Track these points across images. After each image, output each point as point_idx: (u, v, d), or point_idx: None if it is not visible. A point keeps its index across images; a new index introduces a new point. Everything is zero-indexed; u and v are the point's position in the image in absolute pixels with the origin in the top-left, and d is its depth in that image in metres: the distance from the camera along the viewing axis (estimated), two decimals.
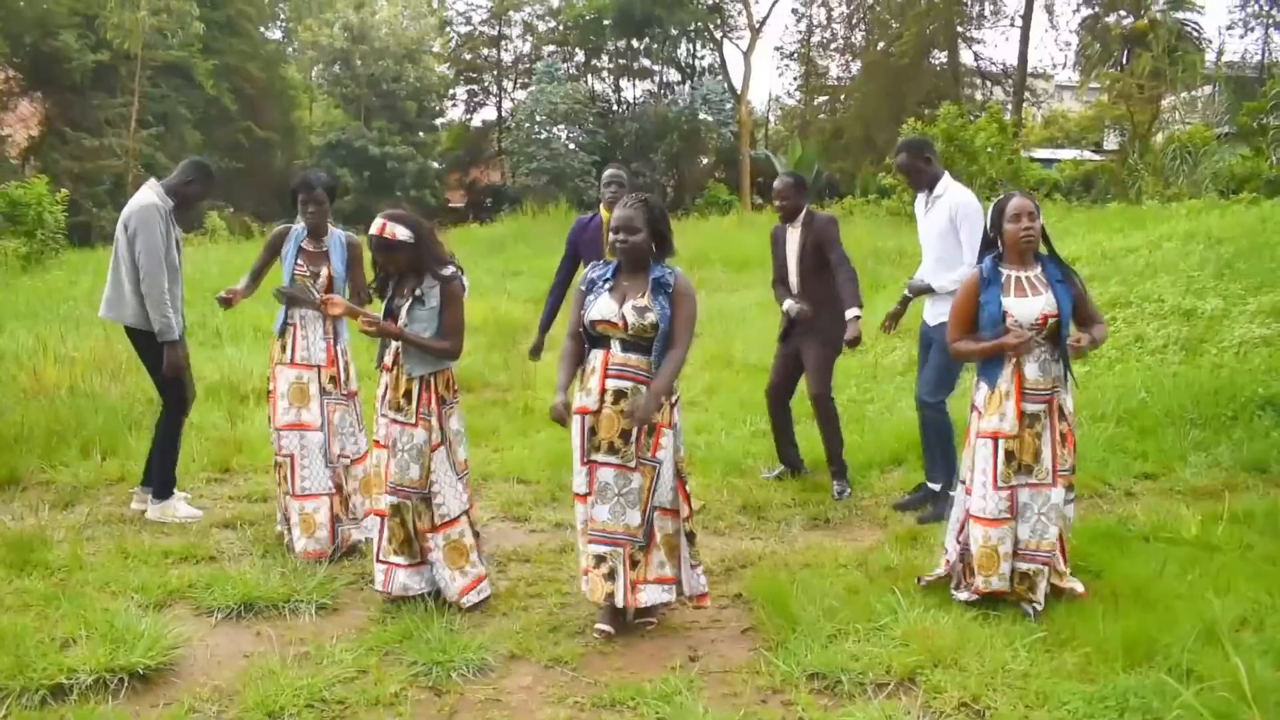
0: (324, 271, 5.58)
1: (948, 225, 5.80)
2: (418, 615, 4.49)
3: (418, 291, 4.65)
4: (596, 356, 4.45)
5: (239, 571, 5.02)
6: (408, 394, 4.66)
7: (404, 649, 4.24)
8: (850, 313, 6.19)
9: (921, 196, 6.10)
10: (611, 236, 4.46)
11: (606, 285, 4.46)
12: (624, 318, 4.34)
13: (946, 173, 6.06)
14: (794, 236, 6.49)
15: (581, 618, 4.59)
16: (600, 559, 4.39)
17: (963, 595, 4.62)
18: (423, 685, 3.96)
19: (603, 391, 4.39)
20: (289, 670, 3.99)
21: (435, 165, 36.94)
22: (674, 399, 4.47)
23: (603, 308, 4.39)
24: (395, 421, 4.66)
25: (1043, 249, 4.68)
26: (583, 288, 4.54)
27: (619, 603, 4.39)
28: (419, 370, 4.65)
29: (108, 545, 5.43)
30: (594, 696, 3.86)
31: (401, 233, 4.60)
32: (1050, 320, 4.48)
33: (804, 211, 6.49)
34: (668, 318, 4.35)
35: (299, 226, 5.64)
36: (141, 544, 5.42)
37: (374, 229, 4.63)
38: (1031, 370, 4.52)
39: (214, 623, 4.55)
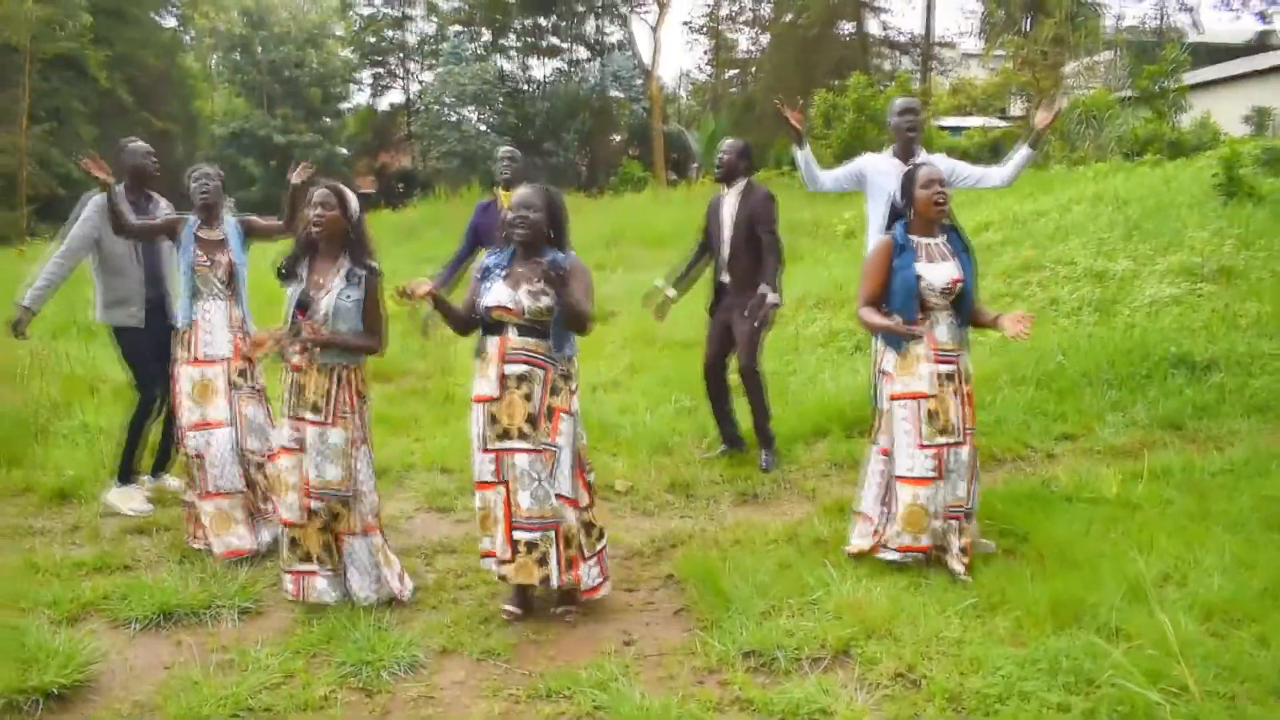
0: (223, 259, 5.47)
1: None
2: (343, 615, 4.37)
3: (350, 277, 4.52)
4: (493, 344, 4.40)
5: (155, 579, 4.83)
6: (325, 394, 4.53)
7: (331, 650, 4.13)
8: (764, 287, 6.18)
9: (895, 160, 5.96)
10: (510, 215, 4.42)
11: (501, 273, 4.40)
12: (519, 303, 4.31)
13: None
14: (729, 203, 6.44)
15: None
16: (531, 545, 4.33)
17: (891, 555, 4.66)
18: (353, 686, 3.86)
19: (502, 378, 4.34)
20: (212, 679, 3.86)
21: (343, 151, 36.30)
22: (572, 386, 4.44)
23: (498, 294, 4.35)
24: (311, 423, 4.52)
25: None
26: (478, 275, 4.50)
27: (554, 583, 4.36)
28: (338, 360, 4.53)
29: (15, 560, 5.20)
30: (529, 688, 3.80)
31: (353, 201, 4.59)
32: (958, 285, 4.63)
33: (744, 181, 6.46)
34: (556, 296, 4.31)
35: (192, 217, 5.53)
36: (52, 556, 5.20)
37: (330, 183, 4.60)
38: (942, 333, 4.68)
39: (131, 634, 4.38)
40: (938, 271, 4.62)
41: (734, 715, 3.54)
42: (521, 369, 4.33)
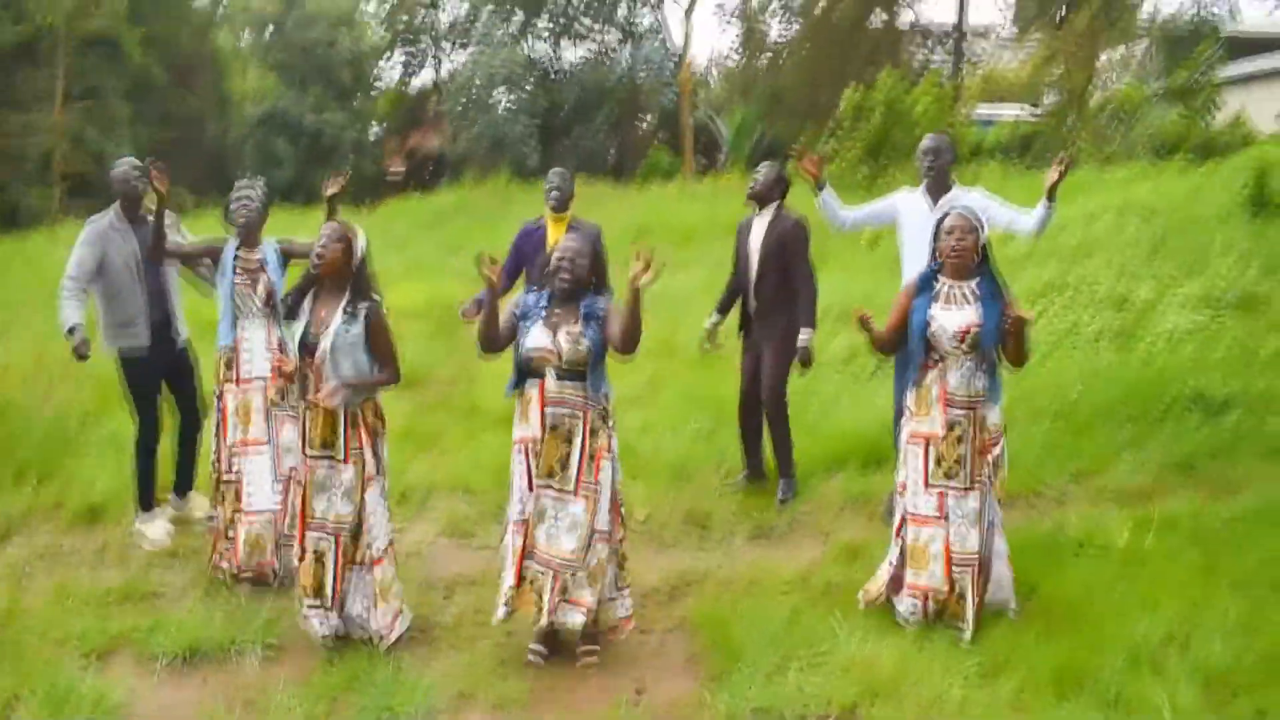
0: (262, 280, 5.58)
1: None
2: (363, 657, 4.51)
3: (350, 310, 4.59)
4: (533, 387, 4.52)
5: (181, 613, 4.98)
6: (334, 429, 4.61)
7: (351, 695, 4.26)
8: (804, 333, 6.25)
9: (926, 197, 5.93)
10: (555, 262, 4.53)
11: (541, 315, 4.51)
12: (559, 347, 4.41)
13: None
14: (759, 228, 6.44)
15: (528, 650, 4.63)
16: (533, 580, 4.48)
17: (902, 604, 4.76)
18: None
19: (542, 421, 4.46)
20: None
21: (374, 131, 36.39)
22: (610, 425, 4.59)
23: (537, 338, 4.46)
24: (321, 458, 4.62)
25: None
26: (516, 313, 4.58)
27: (542, 621, 4.49)
28: (353, 400, 4.60)
29: (46, 585, 5.36)
30: None
31: (360, 240, 4.67)
32: (973, 332, 4.63)
33: (776, 206, 6.44)
34: (600, 344, 4.46)
35: (232, 240, 5.64)
36: (81, 583, 5.35)
37: (339, 220, 4.74)
38: (954, 379, 4.71)
39: (158, 671, 4.53)
40: (952, 317, 4.66)
41: None
42: (561, 412, 4.47)
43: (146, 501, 6.17)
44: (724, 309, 6.80)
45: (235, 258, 5.57)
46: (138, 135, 29.23)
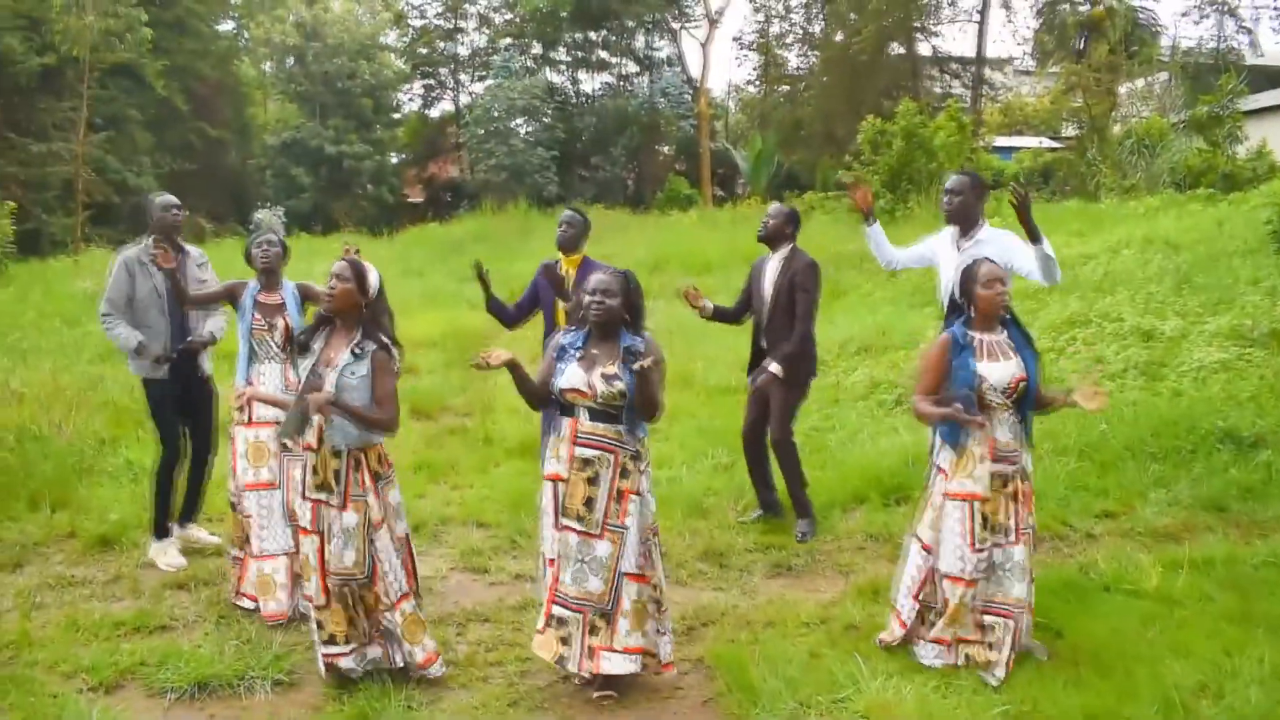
0: (280, 322, 5.58)
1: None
2: (374, 693, 4.41)
3: (356, 350, 4.49)
4: (566, 425, 4.47)
5: (192, 645, 4.90)
6: (336, 473, 4.48)
7: None
8: (771, 365, 6.26)
9: (952, 234, 5.83)
10: (587, 299, 4.48)
11: (577, 354, 4.44)
12: (592, 386, 4.35)
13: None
14: (773, 267, 6.42)
15: (542, 688, 4.54)
16: (561, 622, 4.39)
17: (925, 655, 4.63)
18: None
19: (571, 459, 4.40)
20: None
21: (393, 160, 36.56)
22: (642, 466, 4.49)
23: (572, 376, 4.40)
24: (324, 504, 4.49)
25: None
26: (553, 354, 4.53)
27: (570, 668, 4.40)
28: (344, 443, 4.47)
29: (58, 615, 5.29)
30: None
31: (373, 277, 4.57)
32: (1021, 384, 4.54)
33: (790, 246, 6.42)
34: (635, 386, 4.34)
35: (252, 282, 5.68)
36: (92, 613, 5.29)
37: (350, 258, 4.62)
38: (1002, 434, 4.58)
39: (167, 705, 4.44)
40: (1000, 370, 4.53)
41: None
42: (590, 453, 4.40)
43: (162, 528, 6.16)
44: (719, 310, 6.67)
45: (255, 301, 5.58)
46: (159, 164, 29.51)
